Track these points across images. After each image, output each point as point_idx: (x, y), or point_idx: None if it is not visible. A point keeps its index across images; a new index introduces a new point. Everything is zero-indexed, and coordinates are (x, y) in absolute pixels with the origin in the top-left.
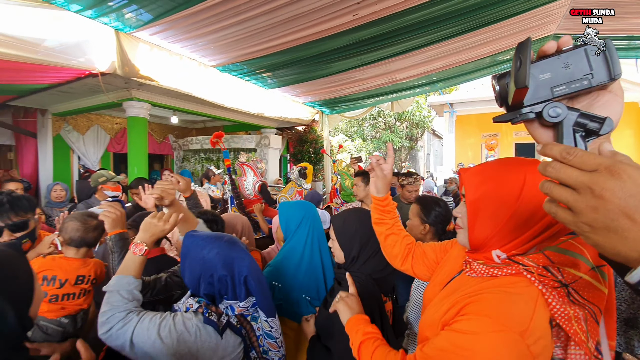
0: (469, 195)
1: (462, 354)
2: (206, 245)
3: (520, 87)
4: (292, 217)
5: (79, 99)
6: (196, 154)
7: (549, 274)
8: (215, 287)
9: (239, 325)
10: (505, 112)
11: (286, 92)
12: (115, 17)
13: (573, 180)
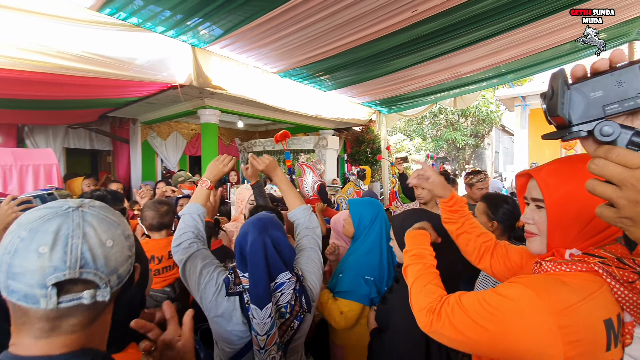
0: (550, 198)
1: (492, 313)
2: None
3: (553, 116)
4: (366, 213)
5: (162, 108)
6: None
7: (625, 265)
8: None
9: (249, 305)
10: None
11: (343, 93)
12: (192, 35)
13: (616, 177)
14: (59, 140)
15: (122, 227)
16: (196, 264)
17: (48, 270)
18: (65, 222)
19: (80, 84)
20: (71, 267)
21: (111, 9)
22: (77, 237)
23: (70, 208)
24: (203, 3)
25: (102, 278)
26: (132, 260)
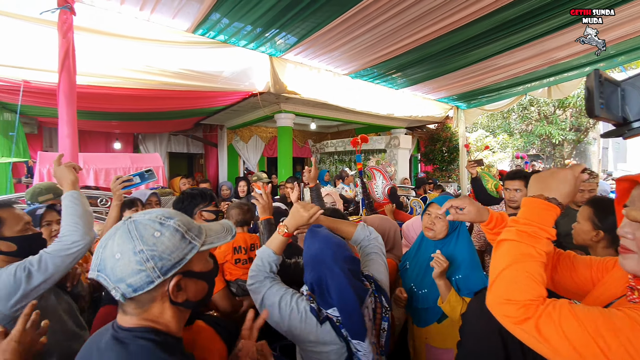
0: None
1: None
2: (306, 257)
3: (591, 116)
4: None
5: (244, 114)
6: (331, 156)
7: None
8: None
9: (339, 324)
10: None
11: (416, 90)
12: (270, 45)
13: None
14: (164, 145)
15: (137, 242)
16: (273, 295)
17: (91, 267)
18: (109, 233)
19: (179, 97)
20: (94, 269)
21: (203, 29)
22: (102, 247)
23: (123, 221)
24: (279, 14)
25: (109, 283)
26: (148, 273)
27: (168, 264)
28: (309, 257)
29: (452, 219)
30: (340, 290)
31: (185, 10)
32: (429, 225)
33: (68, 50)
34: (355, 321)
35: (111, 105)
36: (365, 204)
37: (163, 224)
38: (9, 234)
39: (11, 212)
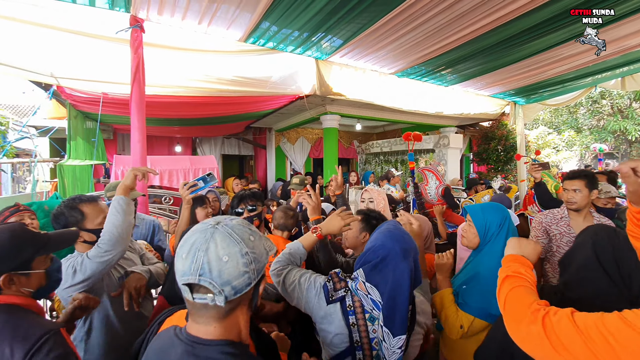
0: None
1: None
2: (386, 229)
3: None
4: (492, 219)
5: (291, 117)
6: (376, 157)
7: None
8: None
9: (350, 309)
10: None
11: (468, 86)
12: (316, 49)
13: None
14: (218, 148)
15: (242, 245)
16: (293, 275)
17: (182, 273)
18: (199, 237)
19: (232, 102)
20: (193, 273)
21: (254, 38)
22: (202, 250)
23: (210, 225)
24: (326, 18)
25: (215, 287)
26: (250, 275)
27: (259, 267)
28: (385, 235)
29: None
30: (399, 281)
31: (238, 21)
32: (463, 233)
33: (138, 64)
34: (398, 315)
35: (174, 112)
36: (416, 204)
37: (251, 229)
38: (90, 226)
39: (93, 206)
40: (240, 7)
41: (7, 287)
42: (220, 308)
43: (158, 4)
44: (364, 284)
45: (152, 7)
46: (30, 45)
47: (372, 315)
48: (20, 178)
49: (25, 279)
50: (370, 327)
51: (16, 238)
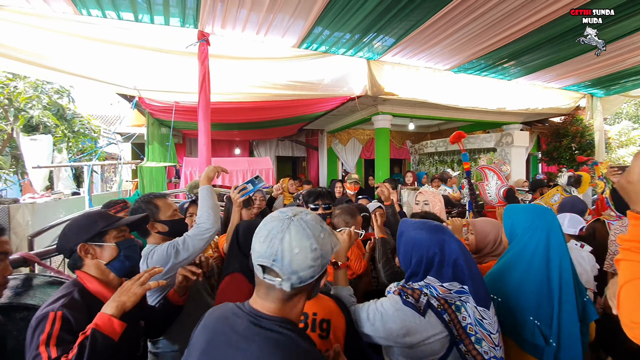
0: None
1: None
2: (417, 227)
3: None
4: (518, 221)
5: (342, 118)
6: (430, 157)
7: None
8: (423, 264)
9: (441, 309)
10: None
11: (535, 79)
12: (367, 50)
13: None
14: (273, 150)
15: (313, 241)
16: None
17: (258, 254)
18: (276, 226)
19: (286, 106)
20: (267, 257)
21: (307, 43)
22: (277, 238)
23: (287, 216)
24: (377, 18)
25: (284, 273)
26: (315, 269)
27: (324, 263)
28: (419, 239)
29: None
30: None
31: (292, 28)
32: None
33: (205, 74)
34: (482, 290)
35: (234, 117)
36: (472, 207)
37: (323, 226)
38: (162, 218)
39: (165, 201)
40: (294, 15)
41: (84, 256)
42: (285, 292)
43: (222, 19)
44: (442, 286)
45: (217, 22)
46: (118, 62)
47: (456, 304)
48: (108, 178)
49: (99, 250)
50: (459, 316)
51: (90, 215)
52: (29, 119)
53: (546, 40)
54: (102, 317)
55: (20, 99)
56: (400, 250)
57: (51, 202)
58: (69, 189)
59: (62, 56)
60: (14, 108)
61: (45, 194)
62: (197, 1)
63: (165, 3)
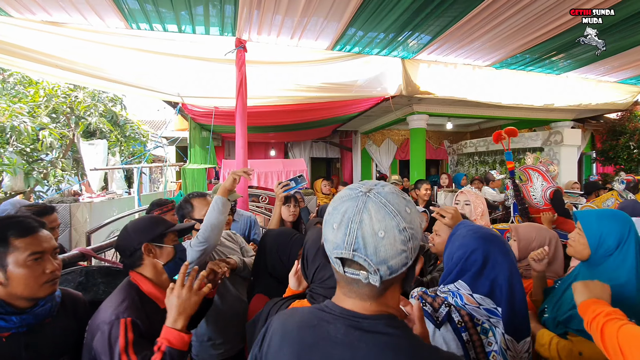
0: None
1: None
2: (472, 229)
3: None
4: (609, 230)
5: (376, 119)
6: (470, 157)
7: None
8: (459, 265)
9: (461, 326)
10: None
11: (588, 72)
12: (402, 48)
13: None
14: (307, 151)
15: (400, 219)
16: None
17: (334, 245)
18: (351, 206)
19: (320, 108)
20: (347, 248)
21: (340, 45)
22: (355, 222)
23: (361, 192)
24: (412, 16)
25: (370, 265)
26: (407, 254)
27: (417, 245)
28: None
29: None
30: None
31: (326, 31)
32: (569, 241)
33: (242, 80)
34: (519, 317)
35: (270, 120)
36: (517, 210)
37: (406, 198)
38: (198, 216)
39: (201, 200)
40: (327, 17)
41: (147, 255)
42: (374, 287)
43: (258, 25)
44: (471, 296)
45: (253, 29)
46: (163, 71)
47: (483, 327)
48: (155, 179)
49: (159, 250)
50: (485, 340)
51: (153, 218)
52: (87, 125)
53: (600, 31)
54: (172, 333)
55: (80, 107)
56: (447, 248)
57: (106, 201)
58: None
59: (116, 68)
60: (75, 116)
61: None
62: (235, 10)
63: (206, 13)
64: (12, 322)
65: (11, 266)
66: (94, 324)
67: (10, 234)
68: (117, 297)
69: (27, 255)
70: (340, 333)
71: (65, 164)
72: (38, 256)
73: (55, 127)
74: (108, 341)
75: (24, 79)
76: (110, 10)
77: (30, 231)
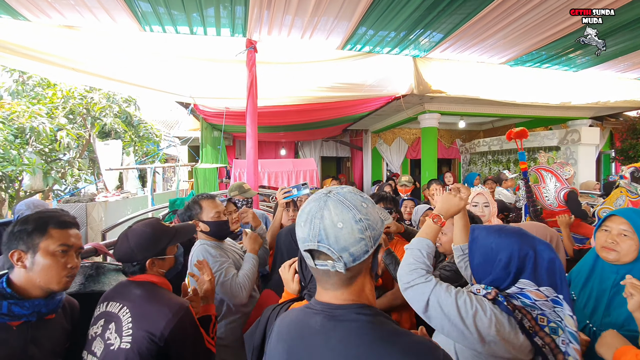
0: None
1: None
2: (496, 231)
3: None
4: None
5: (387, 118)
6: (483, 156)
7: None
8: (514, 266)
9: (532, 331)
10: None
11: (607, 68)
12: (413, 47)
13: None
14: (317, 150)
15: (355, 211)
16: (444, 297)
17: (302, 239)
18: (314, 206)
19: (330, 107)
20: (312, 240)
21: (351, 44)
22: (317, 217)
23: (323, 194)
24: (424, 14)
25: (333, 252)
26: (366, 242)
27: (376, 235)
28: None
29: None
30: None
31: (336, 30)
32: (609, 245)
33: (252, 80)
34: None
35: (280, 120)
36: (529, 212)
37: (363, 197)
38: (205, 218)
39: (209, 202)
40: (338, 16)
41: (150, 269)
42: (342, 275)
43: (268, 25)
44: (539, 290)
45: (263, 29)
46: (175, 73)
47: (550, 327)
48: (168, 178)
49: (162, 262)
50: (558, 339)
51: (155, 233)
52: (102, 126)
53: (621, 26)
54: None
55: (96, 108)
56: (475, 258)
57: (121, 200)
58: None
59: (129, 70)
60: (90, 117)
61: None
62: (246, 11)
63: (217, 15)
64: (25, 308)
65: (41, 252)
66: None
67: (50, 224)
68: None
69: (57, 245)
70: (318, 324)
71: (82, 164)
72: (66, 249)
73: (72, 127)
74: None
75: (42, 81)
76: (123, 13)
77: (66, 225)
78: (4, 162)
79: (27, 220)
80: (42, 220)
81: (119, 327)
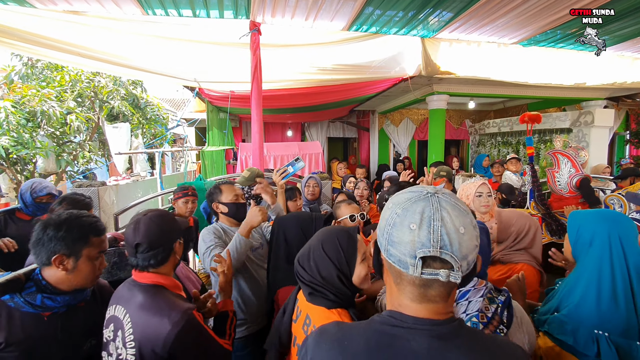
0: None
1: None
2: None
3: None
4: (584, 230)
5: (394, 99)
6: (492, 138)
7: None
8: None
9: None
10: None
11: (625, 49)
12: (422, 27)
13: None
14: (324, 131)
15: (471, 216)
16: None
17: (417, 245)
18: (427, 205)
19: (336, 90)
20: (434, 245)
21: (357, 25)
22: (437, 220)
23: (429, 193)
24: None
25: (456, 261)
26: (477, 249)
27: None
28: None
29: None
30: None
31: (342, 10)
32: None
33: (257, 64)
34: None
35: (286, 102)
36: (534, 196)
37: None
38: (224, 200)
39: (228, 187)
40: None
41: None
42: (448, 285)
43: (272, 7)
44: None
45: (267, 11)
46: (180, 57)
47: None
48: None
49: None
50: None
51: (170, 216)
52: (110, 109)
53: None
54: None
55: (103, 92)
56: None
57: (131, 183)
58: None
59: (134, 55)
60: (98, 100)
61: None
62: None
63: None
64: (57, 302)
65: (83, 258)
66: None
67: (91, 233)
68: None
69: (97, 252)
70: (424, 348)
71: (92, 146)
72: (101, 254)
73: (81, 111)
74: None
75: (50, 64)
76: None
77: (102, 232)
78: (18, 146)
79: (70, 227)
80: (84, 228)
81: (123, 337)
